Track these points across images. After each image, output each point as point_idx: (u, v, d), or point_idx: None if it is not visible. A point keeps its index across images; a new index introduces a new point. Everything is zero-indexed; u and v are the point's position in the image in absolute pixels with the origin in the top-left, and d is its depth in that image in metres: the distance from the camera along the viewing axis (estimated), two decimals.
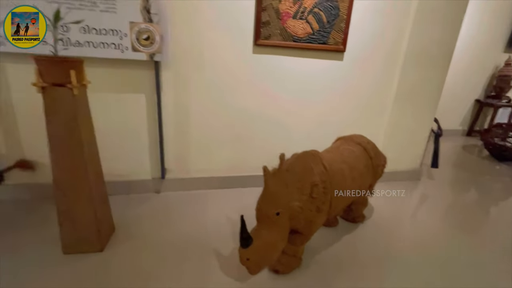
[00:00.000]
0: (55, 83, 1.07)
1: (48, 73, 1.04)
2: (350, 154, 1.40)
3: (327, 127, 2.08)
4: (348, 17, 1.80)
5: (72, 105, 1.10)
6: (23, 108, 1.57)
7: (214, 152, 1.94)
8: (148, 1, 1.45)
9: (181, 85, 1.73)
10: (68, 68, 1.06)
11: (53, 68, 1.04)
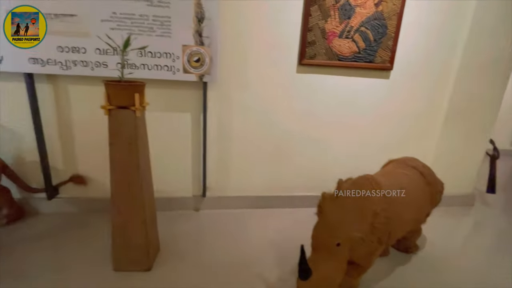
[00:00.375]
0: (120, 106, 1.11)
1: (115, 97, 1.10)
2: (406, 180, 1.31)
3: (371, 147, 2.00)
4: (396, 35, 1.75)
5: (134, 126, 1.14)
6: (80, 126, 1.67)
7: (253, 171, 1.92)
8: (200, 25, 1.51)
9: (224, 104, 1.75)
10: (133, 91, 1.11)
11: (121, 92, 1.09)
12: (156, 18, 1.46)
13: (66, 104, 1.62)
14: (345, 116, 1.90)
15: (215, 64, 1.58)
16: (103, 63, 1.49)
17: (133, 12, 1.44)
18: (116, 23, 1.44)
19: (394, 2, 1.70)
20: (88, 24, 1.42)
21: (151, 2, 1.44)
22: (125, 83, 1.11)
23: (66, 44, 1.44)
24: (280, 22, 1.66)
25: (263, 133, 1.85)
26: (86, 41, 1.44)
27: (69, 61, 1.46)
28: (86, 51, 1.46)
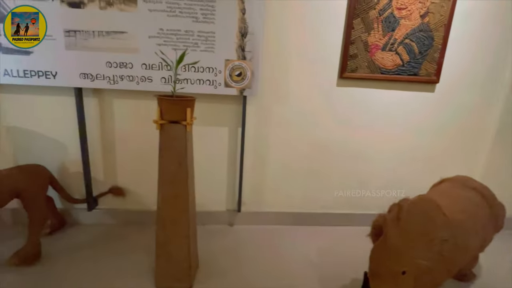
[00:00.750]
0: (172, 120, 1.11)
1: (167, 112, 1.10)
2: (467, 202, 1.20)
3: (413, 163, 1.89)
4: (443, 47, 1.68)
5: (184, 141, 1.14)
6: (121, 139, 1.70)
7: (289, 186, 1.86)
8: (243, 40, 1.51)
9: (263, 118, 1.73)
10: (185, 106, 1.10)
11: (173, 107, 1.09)
12: (201, 33, 1.49)
13: (109, 117, 1.66)
14: (387, 130, 1.82)
15: (256, 78, 1.57)
16: (148, 78, 1.52)
17: (179, 28, 1.47)
18: (162, 39, 1.48)
19: (441, 13, 1.63)
20: (137, 40, 1.47)
21: (196, 18, 1.46)
22: (177, 98, 1.11)
23: (114, 59, 1.48)
24: (321, 35, 1.64)
25: (300, 147, 1.80)
26: (133, 56, 1.49)
27: (116, 76, 1.51)
28: (133, 66, 1.50)
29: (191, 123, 1.13)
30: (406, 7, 1.61)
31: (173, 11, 1.45)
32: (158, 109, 1.10)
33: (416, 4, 1.61)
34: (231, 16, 1.48)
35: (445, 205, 1.12)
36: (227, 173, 1.81)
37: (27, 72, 1.46)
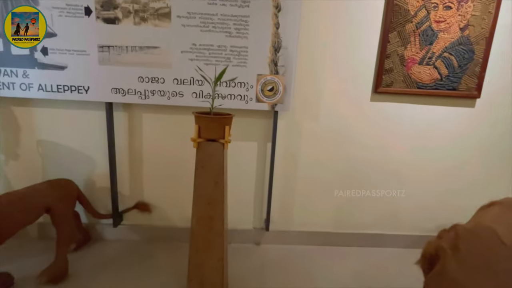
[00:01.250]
0: (210, 139, 1.07)
1: (206, 129, 1.06)
2: None
3: (450, 183, 1.78)
4: (485, 61, 1.60)
5: (221, 160, 1.09)
6: (149, 154, 1.67)
7: (319, 205, 1.78)
8: (276, 55, 1.48)
9: (293, 134, 1.68)
10: (224, 124, 1.06)
11: (212, 124, 1.06)
12: (234, 48, 1.46)
13: (138, 132, 1.64)
14: (422, 147, 1.73)
15: (289, 93, 1.52)
16: (179, 93, 1.50)
17: (212, 43, 1.45)
18: (195, 54, 1.46)
19: (482, 26, 1.56)
20: (169, 55, 1.46)
21: (230, 33, 1.45)
22: (215, 115, 1.07)
23: (146, 74, 1.47)
24: (356, 49, 1.59)
25: (331, 164, 1.73)
26: (166, 71, 1.47)
27: (148, 91, 1.49)
28: (165, 81, 1.49)
29: (229, 141, 1.09)
30: (445, 20, 1.55)
31: (206, 26, 1.43)
32: (196, 127, 1.06)
33: (455, 17, 1.55)
34: (264, 31, 1.45)
35: (502, 233, 1.02)
36: (254, 190, 1.75)
37: (60, 87, 1.47)
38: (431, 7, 1.54)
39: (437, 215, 1.83)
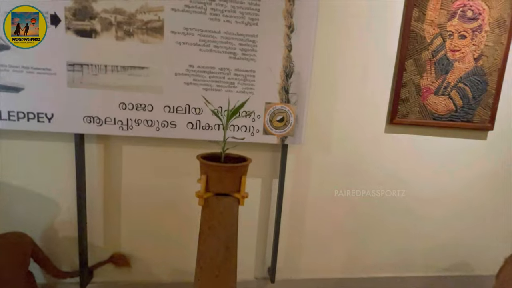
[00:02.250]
0: (221, 193, 0.82)
1: (217, 182, 0.81)
2: None
3: (466, 217, 1.68)
4: (498, 92, 1.54)
5: (235, 218, 0.84)
6: (129, 195, 1.36)
7: (330, 248, 1.58)
8: (288, 81, 1.28)
9: (303, 168, 1.47)
10: (241, 174, 0.82)
11: (225, 175, 0.81)
12: (239, 72, 1.24)
13: (116, 167, 1.33)
14: (437, 180, 1.61)
15: (301, 124, 1.32)
16: (171, 123, 1.23)
17: (213, 65, 1.22)
18: (192, 77, 1.22)
19: (495, 56, 1.51)
20: (160, 78, 1.20)
21: (234, 54, 1.23)
22: (228, 161, 0.83)
23: (130, 100, 1.19)
24: (370, 77, 1.45)
25: (343, 202, 1.54)
26: (155, 97, 1.21)
27: (131, 120, 1.21)
28: (153, 109, 1.21)
29: (246, 196, 0.85)
30: (460, 49, 1.47)
31: (207, 45, 1.20)
32: (203, 179, 0.81)
33: (470, 46, 1.48)
34: (275, 53, 1.25)
35: None
36: (257, 233, 1.50)
37: (13, 114, 1.13)
38: (447, 35, 1.45)
39: (449, 253, 1.70)
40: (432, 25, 1.43)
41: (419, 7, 1.40)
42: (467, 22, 1.45)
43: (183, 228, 1.41)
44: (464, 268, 1.74)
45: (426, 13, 1.41)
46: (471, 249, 1.71)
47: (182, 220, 1.41)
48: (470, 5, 1.44)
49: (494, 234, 1.72)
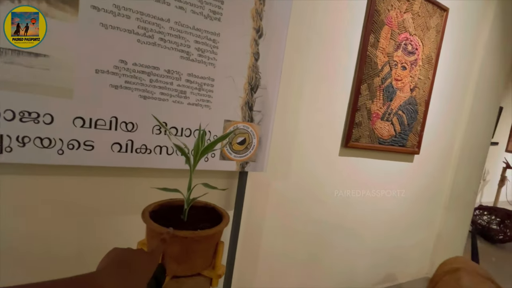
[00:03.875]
0: (188, 274, 0.52)
1: (181, 259, 0.50)
2: None
3: (396, 231, 1.82)
4: (424, 121, 1.72)
5: None
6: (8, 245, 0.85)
7: (283, 278, 1.42)
8: (253, 96, 1.05)
9: (259, 197, 1.27)
10: (216, 241, 0.54)
11: (196, 248, 0.51)
12: (193, 78, 0.94)
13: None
14: (376, 201, 1.68)
15: (264, 147, 1.11)
16: (85, 143, 0.82)
17: (157, 65, 0.88)
18: (123, 79, 0.84)
19: (424, 89, 1.68)
20: (69, 73, 0.77)
21: (188, 54, 0.91)
22: (191, 219, 0.54)
23: (8, 104, 0.72)
24: (330, 98, 1.37)
25: (298, 230, 1.42)
26: (59, 103, 0.77)
27: (13, 138, 0.74)
28: (54, 121, 0.77)
29: (223, 273, 0.57)
30: (401, 79, 1.57)
31: (149, 36, 0.85)
32: (164, 254, 0.49)
33: (408, 78, 1.60)
34: (239, 60, 1.00)
35: None
36: None
37: None
38: (393, 64, 1.52)
39: (382, 265, 1.82)
40: (383, 52, 1.47)
41: (374, 33, 1.41)
42: (407, 55, 1.56)
43: None
44: (390, 279, 1.89)
45: (379, 41, 1.44)
46: (395, 261, 1.87)
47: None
48: (410, 39, 1.55)
49: (411, 246, 1.93)
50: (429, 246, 2.06)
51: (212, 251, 0.54)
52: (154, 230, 0.48)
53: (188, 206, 0.55)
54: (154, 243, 0.51)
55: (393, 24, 1.46)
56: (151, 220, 0.50)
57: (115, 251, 0.44)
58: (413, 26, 1.54)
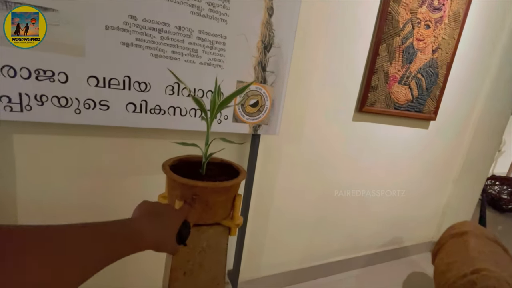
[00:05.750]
0: (202, 223, 0.55)
1: (201, 209, 0.53)
2: (506, 261, 1.15)
3: (403, 198, 1.84)
4: (444, 85, 1.64)
5: (223, 254, 0.59)
6: (28, 210, 0.91)
7: (292, 240, 1.49)
8: (266, 55, 1.01)
9: (270, 161, 1.28)
10: (234, 193, 0.56)
11: (215, 199, 0.53)
12: (204, 36, 0.90)
13: (4, 167, 0.85)
14: (388, 167, 1.68)
15: (277, 110, 1.10)
16: (100, 103, 0.82)
17: (167, 21, 0.84)
18: (134, 36, 0.81)
19: (447, 50, 1.58)
20: (79, 30, 0.75)
21: (199, 9, 0.87)
22: (209, 173, 0.55)
23: (25, 64, 0.72)
24: (345, 58, 1.31)
25: (308, 193, 1.45)
26: (71, 61, 0.76)
27: (30, 96, 0.75)
28: (68, 80, 0.77)
29: (241, 223, 0.59)
30: (424, 39, 1.47)
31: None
32: (177, 205, 0.51)
33: (431, 37, 1.49)
34: (252, 16, 0.95)
35: (499, 273, 1.02)
36: None
37: None
38: (416, 22, 1.41)
39: (388, 230, 1.87)
40: (406, 8, 1.36)
41: None
42: (433, 11, 1.44)
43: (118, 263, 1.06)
44: (396, 242, 1.96)
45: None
46: (402, 226, 1.91)
47: None
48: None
49: (419, 212, 1.96)
50: (438, 212, 2.09)
51: (231, 202, 0.57)
52: (175, 180, 0.50)
53: (206, 159, 0.57)
54: (175, 193, 0.53)
55: None
56: (172, 171, 0.51)
57: (145, 203, 0.46)
58: None
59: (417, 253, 2.05)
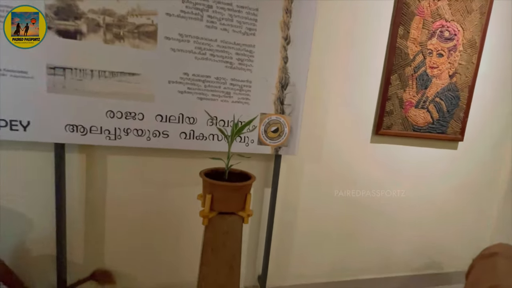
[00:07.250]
0: (225, 212, 0.81)
1: (221, 201, 0.79)
2: None
3: (437, 220, 1.82)
4: (468, 106, 1.68)
5: (239, 237, 0.83)
6: (113, 207, 1.28)
7: (318, 253, 1.62)
8: (283, 92, 1.29)
9: (293, 178, 1.49)
10: (246, 192, 0.81)
11: (231, 194, 0.79)
12: (235, 82, 1.22)
13: (100, 178, 1.25)
14: (414, 187, 1.73)
15: (295, 135, 1.34)
16: (163, 133, 1.18)
17: (209, 74, 1.19)
18: (187, 86, 1.17)
19: (467, 74, 1.65)
20: (152, 85, 1.13)
21: (231, 64, 1.20)
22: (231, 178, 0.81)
23: (119, 108, 1.12)
24: (358, 89, 1.51)
25: (331, 210, 1.59)
26: (146, 105, 1.14)
27: (119, 129, 1.13)
28: (144, 117, 1.15)
29: (251, 214, 0.84)
30: (438, 66, 1.59)
31: (202, 53, 1.16)
32: (207, 198, 0.78)
33: (446, 64, 1.60)
34: (271, 64, 1.25)
35: None
36: (248, 242, 1.49)
37: None
38: (427, 53, 1.55)
39: (423, 252, 1.84)
40: (414, 43, 1.52)
41: (404, 25, 1.48)
42: (444, 41, 1.57)
43: (173, 242, 1.37)
44: (435, 267, 1.89)
45: (410, 32, 1.50)
46: (440, 250, 1.86)
47: (172, 234, 1.36)
48: (447, 26, 1.56)
49: (460, 236, 1.89)
50: (484, 237, 1.97)
51: (243, 199, 0.81)
52: (206, 181, 0.77)
53: (227, 169, 0.83)
54: (206, 191, 0.80)
55: (425, 13, 1.50)
56: (206, 176, 0.79)
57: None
58: (449, 12, 1.54)
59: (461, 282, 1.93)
